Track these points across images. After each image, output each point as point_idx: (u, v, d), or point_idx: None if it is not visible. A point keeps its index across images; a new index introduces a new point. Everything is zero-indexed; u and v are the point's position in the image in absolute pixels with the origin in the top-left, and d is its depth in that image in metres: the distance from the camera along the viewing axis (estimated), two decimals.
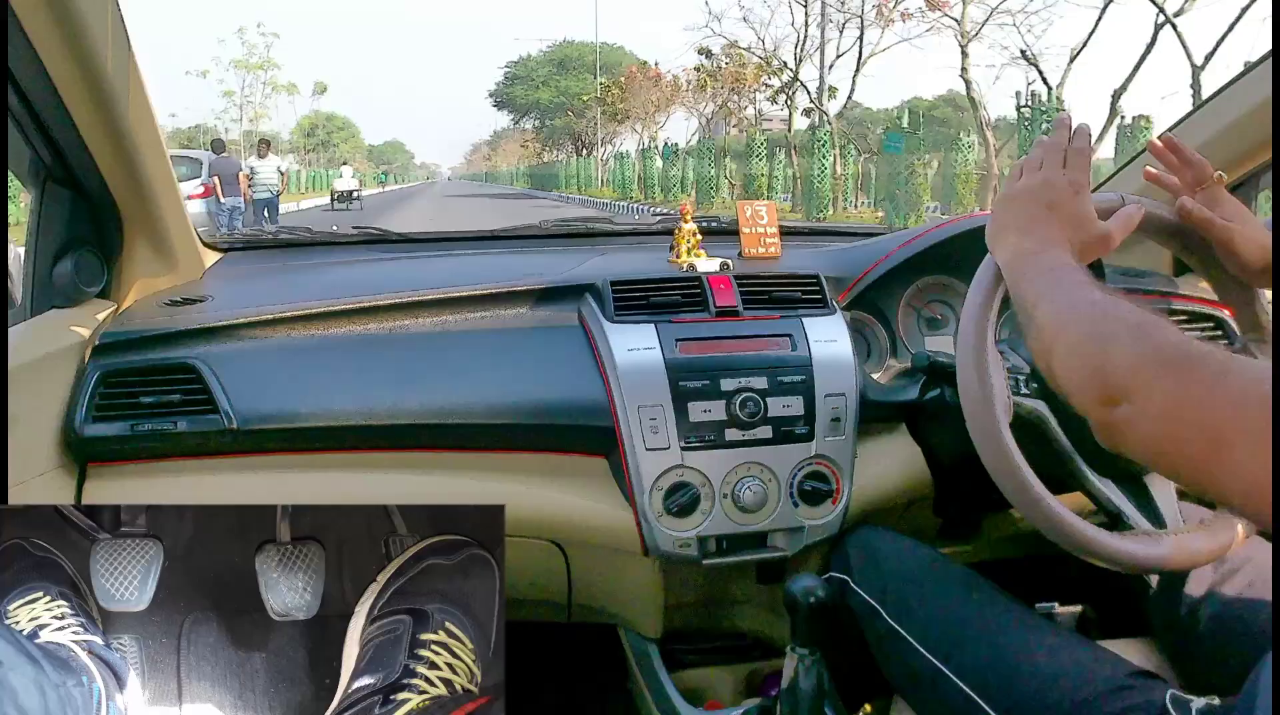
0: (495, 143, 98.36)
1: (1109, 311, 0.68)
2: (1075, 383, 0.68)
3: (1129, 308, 0.68)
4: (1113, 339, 0.65)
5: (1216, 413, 0.56)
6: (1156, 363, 0.61)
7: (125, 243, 1.25)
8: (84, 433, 1.05)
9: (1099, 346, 0.66)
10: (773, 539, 1.17)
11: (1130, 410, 0.61)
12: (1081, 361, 0.67)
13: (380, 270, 1.52)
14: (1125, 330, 0.65)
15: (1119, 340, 0.65)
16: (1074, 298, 0.73)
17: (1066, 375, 0.69)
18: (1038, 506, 0.87)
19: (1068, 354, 0.69)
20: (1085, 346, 0.68)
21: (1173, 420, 0.59)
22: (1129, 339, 0.64)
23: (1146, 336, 0.63)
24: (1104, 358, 0.65)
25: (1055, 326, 0.72)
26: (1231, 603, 0.93)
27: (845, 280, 1.30)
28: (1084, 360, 0.67)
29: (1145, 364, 0.62)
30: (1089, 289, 0.73)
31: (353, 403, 1.12)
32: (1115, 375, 0.63)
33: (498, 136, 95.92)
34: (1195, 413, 0.57)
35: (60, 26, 0.94)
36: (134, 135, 1.11)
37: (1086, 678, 0.81)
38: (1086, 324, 0.69)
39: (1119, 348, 0.64)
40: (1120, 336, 0.65)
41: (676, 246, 1.34)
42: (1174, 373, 0.60)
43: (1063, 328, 0.71)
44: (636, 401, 1.11)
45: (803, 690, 0.96)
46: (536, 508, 1.16)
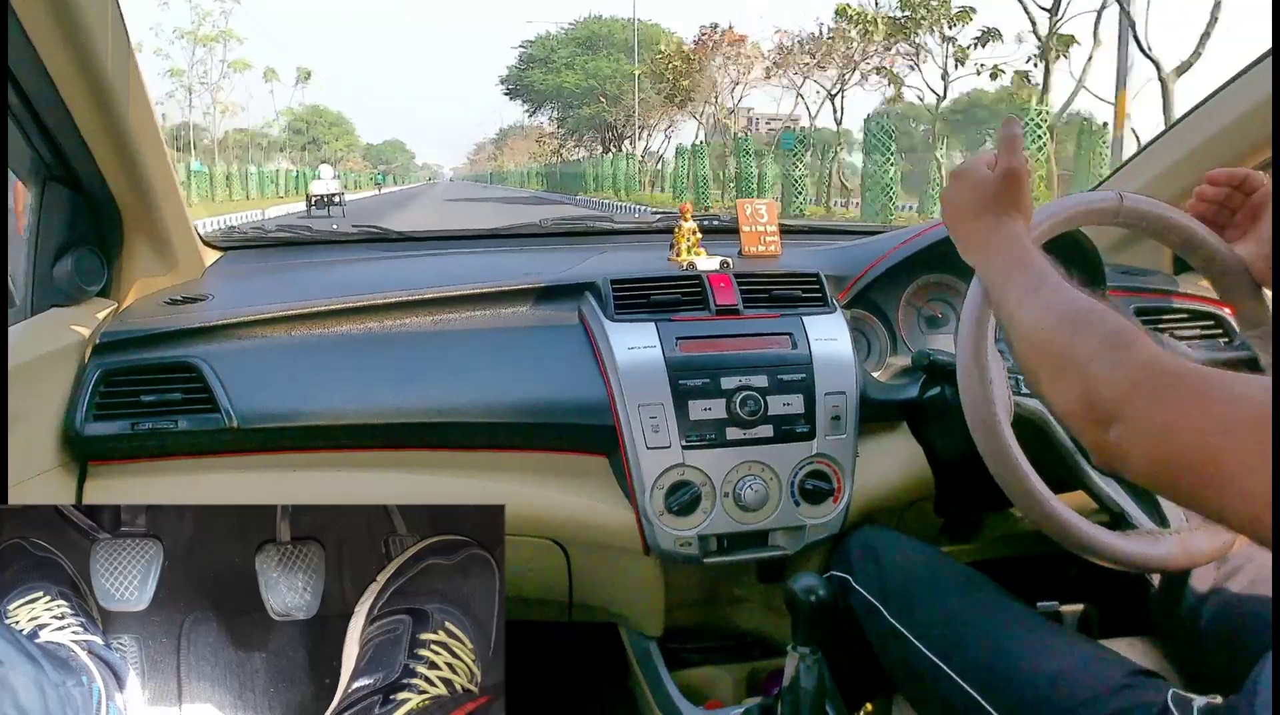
0: (502, 140, 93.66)
1: (1078, 329, 0.66)
2: (1064, 408, 0.66)
3: (1096, 320, 0.66)
4: (1088, 362, 0.63)
5: (1201, 437, 0.55)
6: (1136, 383, 0.60)
7: (125, 242, 1.25)
8: (84, 432, 1.05)
9: (1079, 371, 0.64)
10: (774, 538, 1.17)
11: (1121, 433, 0.60)
12: (1067, 388, 0.65)
13: (380, 269, 1.52)
14: (1101, 351, 0.63)
15: (1094, 362, 0.63)
16: (1039, 313, 0.71)
17: (1054, 401, 0.68)
18: (1039, 505, 0.87)
19: (1053, 379, 0.68)
20: (1067, 372, 0.66)
21: (1159, 446, 0.58)
22: (1104, 360, 0.62)
23: (1121, 359, 0.62)
24: (1086, 384, 0.63)
25: (1030, 348, 0.71)
26: (1233, 602, 0.93)
27: (845, 278, 1.30)
28: (1069, 387, 0.65)
29: (1127, 386, 0.60)
30: (1053, 296, 0.71)
31: (353, 401, 1.12)
32: (1100, 400, 0.62)
33: (504, 134, 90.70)
34: (1179, 437, 0.56)
35: (60, 26, 0.94)
36: (134, 135, 1.11)
37: (1088, 677, 0.81)
38: (1059, 344, 0.67)
39: (1098, 372, 0.62)
40: (1097, 360, 0.63)
41: (676, 245, 1.34)
42: (1152, 397, 0.58)
43: (1037, 349, 0.70)
44: (637, 400, 1.11)
45: (804, 689, 0.96)
46: (537, 507, 1.16)
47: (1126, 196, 0.95)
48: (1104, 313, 0.67)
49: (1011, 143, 0.84)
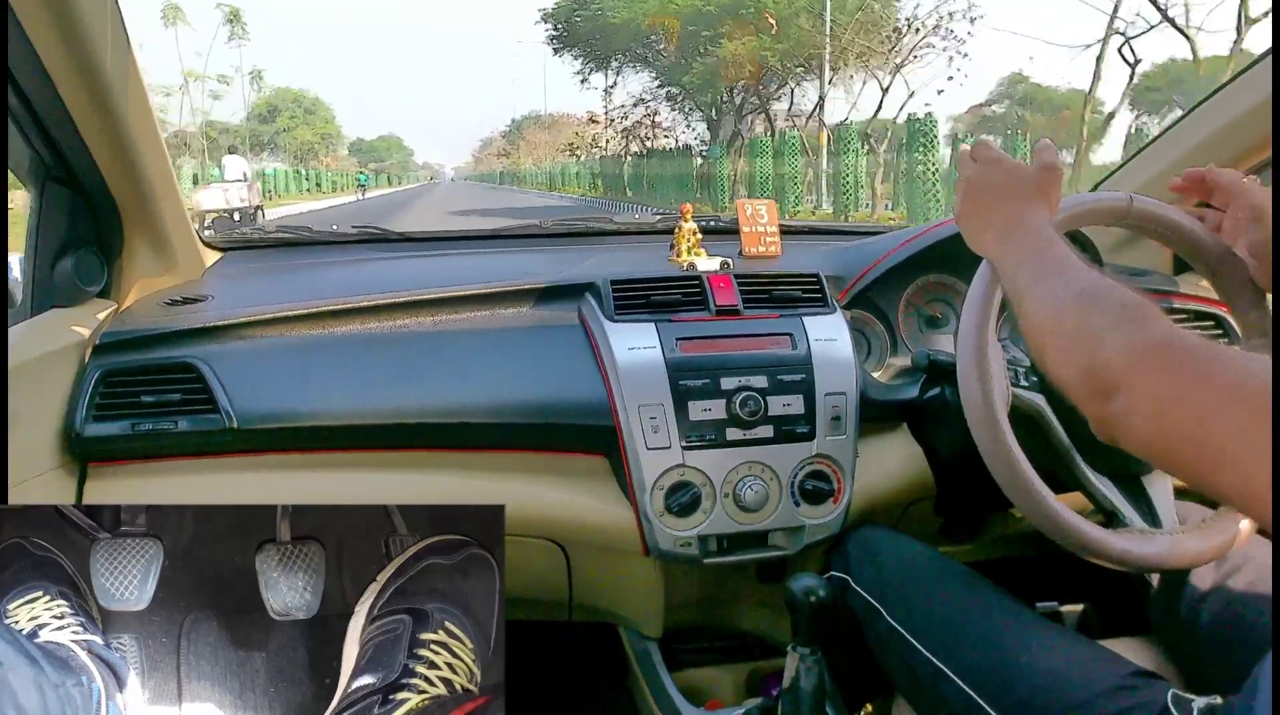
0: (514, 135, 77.83)
1: (1095, 303, 0.68)
2: (1068, 378, 0.67)
3: (1115, 296, 0.67)
4: (1101, 332, 0.64)
5: (1206, 410, 0.55)
6: (1144, 357, 0.60)
7: (125, 242, 1.25)
8: (84, 432, 1.05)
9: (1088, 343, 0.65)
10: (773, 538, 1.17)
11: (1123, 404, 0.61)
12: (1072, 358, 0.67)
13: (380, 269, 1.52)
14: (1112, 324, 0.64)
15: (1107, 333, 0.64)
16: (1057, 289, 0.72)
17: (1059, 371, 0.69)
18: (1037, 504, 0.87)
19: (1059, 350, 0.69)
20: (1074, 342, 0.67)
21: (1163, 418, 0.58)
22: (1116, 331, 0.63)
23: (1133, 330, 0.63)
24: (1093, 352, 0.64)
25: (1043, 321, 0.72)
26: (1233, 602, 0.93)
27: (845, 279, 1.30)
28: (1075, 357, 0.66)
29: (1134, 359, 0.61)
30: (1072, 274, 0.73)
31: (353, 402, 1.12)
32: (1106, 370, 0.62)
33: (517, 126, 77.02)
34: (1184, 410, 0.57)
35: (60, 26, 0.94)
36: (134, 135, 1.11)
37: (1087, 677, 0.81)
38: (1073, 319, 0.68)
39: (1107, 341, 0.63)
40: (1107, 331, 0.64)
41: (676, 245, 1.34)
42: (1161, 368, 0.59)
43: (1051, 322, 0.71)
44: (637, 400, 1.11)
45: (803, 690, 0.96)
46: (537, 507, 1.16)
47: (1136, 198, 0.95)
48: (1120, 288, 0.68)
49: (1047, 150, 0.91)
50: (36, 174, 1.13)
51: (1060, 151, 1.20)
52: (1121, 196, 0.95)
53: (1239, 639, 0.89)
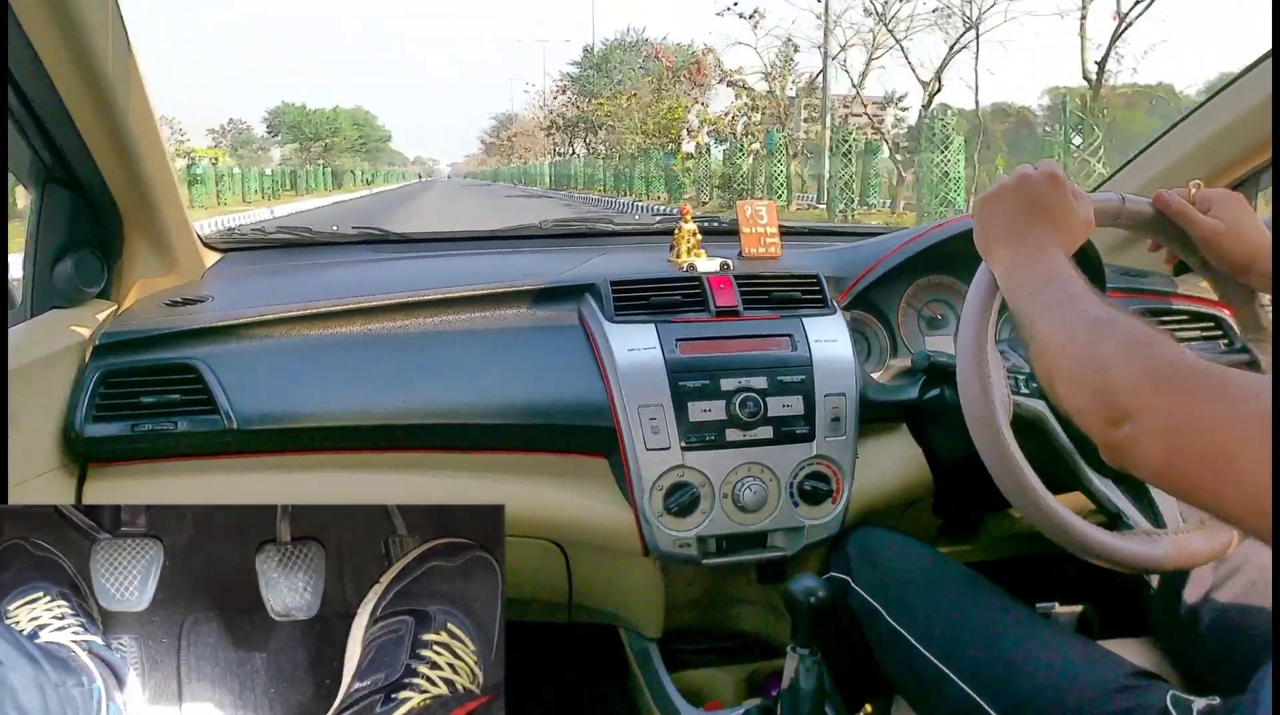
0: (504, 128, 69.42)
1: (1106, 331, 0.68)
2: (1077, 404, 0.68)
3: (1126, 325, 0.68)
4: (1111, 359, 0.65)
5: (1216, 429, 0.56)
6: (1155, 381, 0.61)
7: (125, 243, 1.25)
8: (84, 433, 1.05)
9: (1098, 368, 0.65)
10: (773, 539, 1.17)
11: (1133, 430, 0.61)
12: (1082, 383, 0.67)
13: (380, 270, 1.52)
14: (1122, 350, 0.65)
15: (1117, 360, 0.64)
16: (1070, 316, 0.72)
17: (1068, 397, 0.69)
18: (1037, 506, 0.87)
19: (1068, 376, 0.69)
20: (1084, 368, 0.67)
21: (1174, 439, 0.59)
22: (1127, 359, 0.64)
23: (1144, 355, 0.63)
24: (1103, 379, 0.64)
25: (1054, 347, 0.72)
26: (1232, 602, 0.93)
27: (845, 280, 1.30)
28: (1084, 382, 0.67)
29: (1144, 383, 0.61)
30: (1086, 303, 0.73)
31: (353, 403, 1.12)
32: (1116, 396, 0.63)
33: (510, 120, 68.24)
34: (1195, 430, 0.57)
35: (60, 27, 0.94)
36: (134, 135, 1.11)
37: (1087, 678, 0.81)
38: (1085, 345, 0.69)
39: (1117, 368, 0.64)
40: (1118, 357, 0.64)
41: (676, 246, 1.34)
42: (1172, 391, 0.59)
43: (1061, 349, 0.71)
44: (637, 401, 1.11)
45: (803, 690, 0.96)
46: (537, 508, 1.16)
47: (1128, 198, 0.95)
48: (1128, 318, 0.68)
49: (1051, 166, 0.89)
50: (37, 175, 1.13)
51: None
52: (1114, 197, 0.95)
53: (1239, 639, 0.89)
